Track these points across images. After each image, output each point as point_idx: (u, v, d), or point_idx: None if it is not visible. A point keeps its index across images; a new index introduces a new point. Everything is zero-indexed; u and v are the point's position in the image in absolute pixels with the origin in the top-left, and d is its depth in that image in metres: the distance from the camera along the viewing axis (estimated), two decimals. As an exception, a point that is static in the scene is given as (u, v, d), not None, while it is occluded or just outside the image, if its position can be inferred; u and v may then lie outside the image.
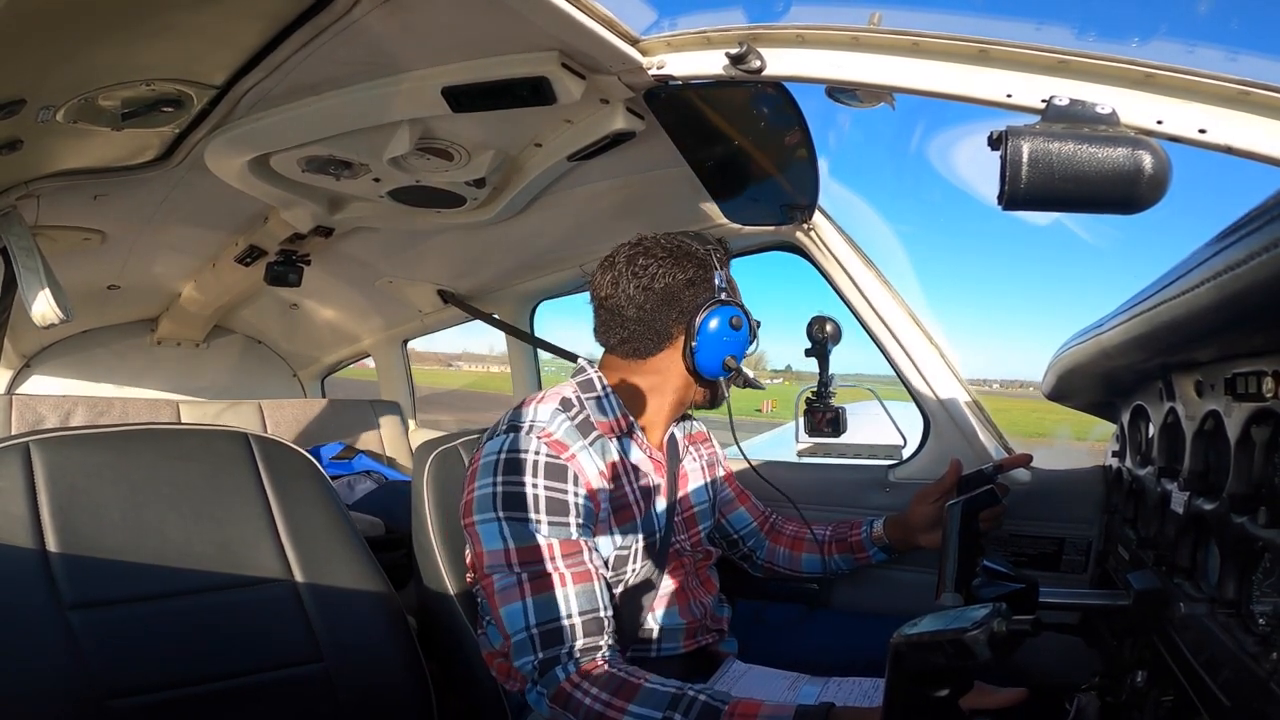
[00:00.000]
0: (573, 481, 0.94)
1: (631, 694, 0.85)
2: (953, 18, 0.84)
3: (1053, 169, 0.64)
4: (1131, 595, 0.83)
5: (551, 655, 0.89)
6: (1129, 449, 1.11)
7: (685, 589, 1.10)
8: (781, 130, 1.13)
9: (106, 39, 0.93)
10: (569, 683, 0.88)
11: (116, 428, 1.11)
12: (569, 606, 0.90)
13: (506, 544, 0.92)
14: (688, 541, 1.13)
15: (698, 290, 1.05)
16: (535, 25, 0.94)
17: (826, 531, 1.29)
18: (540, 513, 0.92)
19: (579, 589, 0.91)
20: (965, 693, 0.61)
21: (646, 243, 1.07)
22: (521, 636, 0.90)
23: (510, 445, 0.95)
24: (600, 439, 1.01)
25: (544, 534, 0.92)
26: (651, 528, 1.05)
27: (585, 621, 0.90)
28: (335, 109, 1.17)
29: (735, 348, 1.06)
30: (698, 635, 1.10)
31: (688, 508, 1.15)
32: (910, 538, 1.21)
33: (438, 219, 1.63)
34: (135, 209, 1.66)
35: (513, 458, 0.94)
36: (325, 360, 3.11)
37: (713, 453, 1.27)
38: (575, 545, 0.93)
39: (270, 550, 1.09)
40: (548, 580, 0.90)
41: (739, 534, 1.32)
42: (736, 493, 1.33)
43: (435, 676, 1.13)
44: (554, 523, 0.92)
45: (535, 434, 0.95)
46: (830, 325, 1.42)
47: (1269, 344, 0.62)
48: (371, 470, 2.37)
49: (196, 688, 0.96)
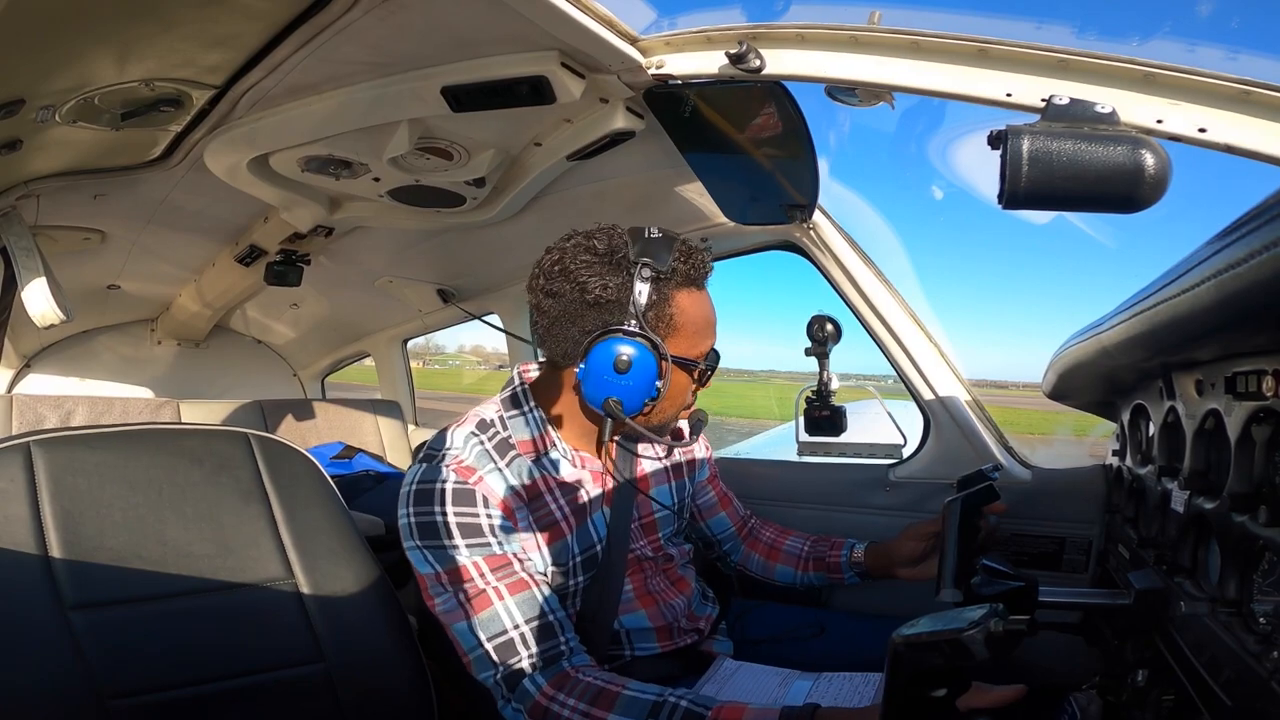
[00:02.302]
0: (482, 504, 0.93)
1: (610, 702, 0.84)
2: (952, 17, 0.84)
3: (1053, 168, 0.64)
4: (1132, 594, 0.83)
5: (514, 668, 0.89)
6: (1129, 448, 1.11)
7: (650, 592, 1.09)
8: (781, 130, 1.13)
9: (106, 39, 0.93)
10: (544, 695, 0.87)
11: (117, 427, 1.11)
12: (513, 618, 0.90)
13: (434, 568, 0.92)
14: (647, 547, 1.09)
15: (603, 312, 0.92)
16: (535, 25, 0.94)
17: (805, 547, 1.27)
18: (455, 537, 0.91)
19: (517, 599, 0.90)
20: (963, 692, 0.62)
21: (583, 239, 0.96)
22: (478, 653, 0.90)
23: (422, 476, 0.94)
24: (517, 459, 0.98)
25: (464, 556, 0.91)
26: (590, 541, 1.01)
27: (534, 627, 0.90)
28: (335, 109, 1.17)
29: (620, 391, 0.91)
30: (674, 637, 1.09)
31: (646, 513, 1.10)
32: (890, 570, 1.17)
33: (438, 219, 1.63)
34: (135, 209, 1.66)
35: (423, 489, 0.93)
36: (325, 360, 3.12)
37: (688, 452, 1.20)
38: (501, 559, 0.92)
39: (271, 550, 1.09)
40: (484, 597, 0.90)
41: (716, 537, 1.31)
42: (719, 496, 1.31)
43: (435, 676, 1.13)
44: (471, 544, 0.91)
45: (444, 463, 0.94)
46: (830, 325, 1.42)
47: (1269, 343, 0.62)
48: (371, 470, 2.37)
49: (198, 688, 0.96)
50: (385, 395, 2.96)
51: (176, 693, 0.95)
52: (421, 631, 1.20)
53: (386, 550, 1.28)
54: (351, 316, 2.68)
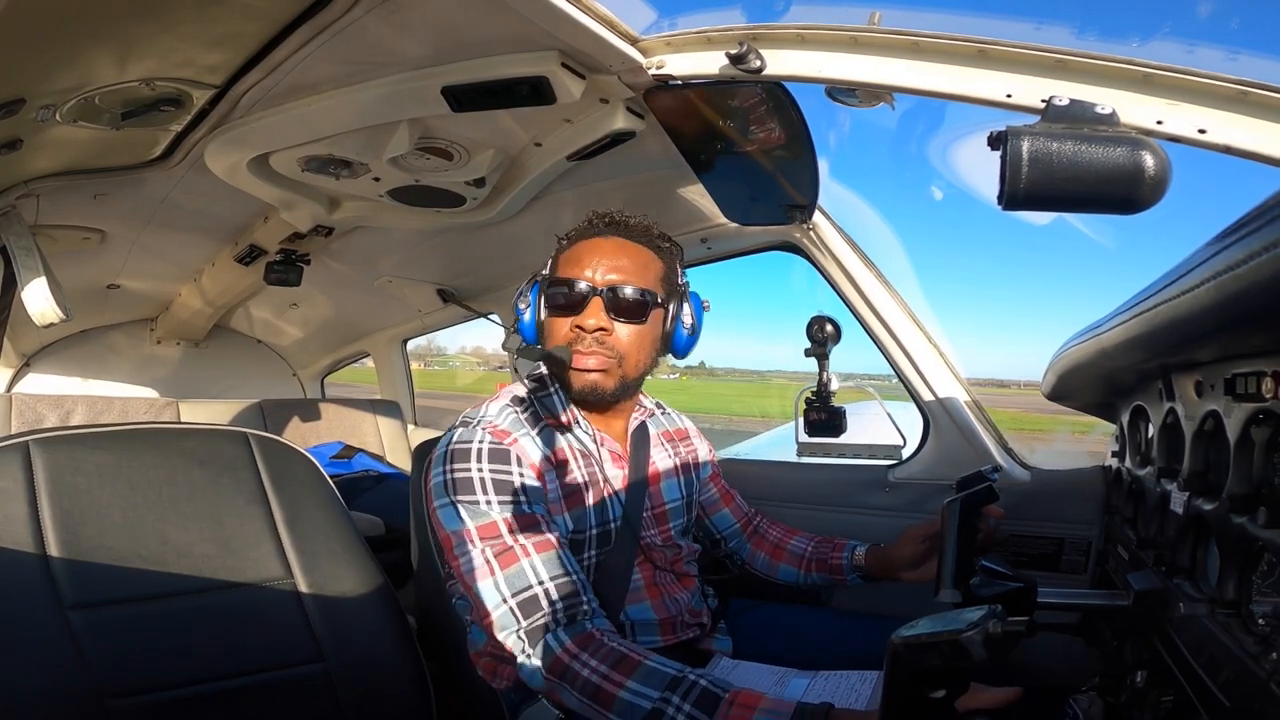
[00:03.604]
0: (516, 463, 0.98)
1: (631, 669, 0.85)
2: (952, 18, 0.84)
3: (1053, 169, 0.64)
4: (1131, 595, 0.83)
5: (537, 623, 0.90)
6: (1129, 449, 1.11)
7: (657, 584, 1.11)
8: (781, 130, 1.13)
9: (107, 39, 0.93)
10: (566, 653, 0.88)
11: (117, 427, 1.11)
12: (538, 574, 0.92)
13: (464, 524, 0.95)
14: (658, 536, 1.13)
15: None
16: (535, 25, 0.94)
17: (809, 547, 1.29)
18: (489, 493, 0.95)
19: (543, 557, 0.93)
20: (962, 693, 0.62)
21: None
22: (501, 610, 0.91)
23: (459, 438, 1.00)
24: (547, 428, 1.05)
25: (496, 512, 0.95)
26: (605, 516, 1.06)
27: (558, 584, 0.92)
28: (335, 108, 1.17)
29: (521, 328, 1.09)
30: (676, 630, 1.10)
31: (659, 503, 1.15)
32: (891, 572, 1.19)
33: (438, 219, 1.63)
34: (135, 208, 1.66)
35: (460, 448, 0.98)
36: (325, 360, 3.12)
37: (693, 451, 1.27)
38: (530, 519, 0.96)
39: (270, 550, 1.09)
40: (511, 554, 0.92)
41: (722, 534, 1.33)
42: (721, 493, 1.33)
43: (435, 676, 1.13)
44: (503, 501, 0.95)
45: (481, 426, 1.01)
46: (830, 325, 1.42)
47: (1269, 344, 0.62)
48: (371, 470, 2.37)
49: (197, 688, 0.96)
50: (385, 395, 2.96)
51: (176, 693, 0.95)
52: (421, 631, 1.20)
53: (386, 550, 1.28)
54: (351, 316, 2.68)
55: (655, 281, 1.07)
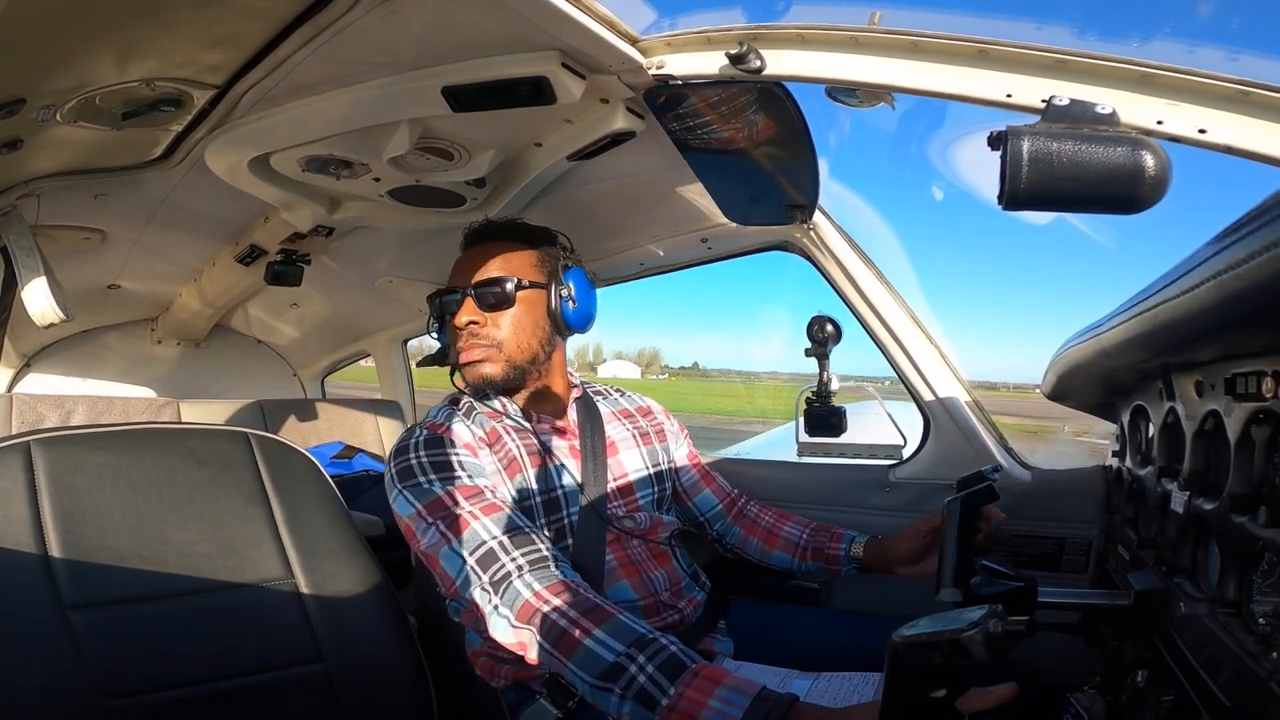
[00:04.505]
0: (450, 445, 1.05)
1: (601, 619, 0.84)
2: (952, 18, 0.84)
3: (1053, 169, 0.64)
4: (1132, 595, 0.83)
5: (499, 573, 0.91)
6: (1129, 449, 1.11)
7: (634, 562, 1.11)
8: (781, 130, 1.13)
9: (106, 39, 0.93)
10: (537, 597, 0.87)
11: (117, 427, 1.11)
12: (489, 531, 0.95)
13: (414, 505, 1.00)
14: (622, 507, 1.15)
15: None
16: (535, 25, 0.94)
17: (804, 534, 1.29)
18: (429, 474, 1.01)
19: (492, 518, 0.96)
20: (962, 693, 0.62)
21: None
22: (464, 573, 0.93)
23: (400, 439, 1.09)
24: (480, 415, 1.13)
25: (439, 488, 1.00)
26: (550, 483, 1.10)
27: (512, 536, 0.94)
28: (335, 109, 1.17)
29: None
30: (661, 612, 1.10)
31: (620, 474, 1.19)
32: (888, 567, 1.19)
33: (438, 219, 1.63)
34: (135, 208, 1.66)
35: (400, 445, 1.07)
36: (325, 360, 3.12)
37: (657, 425, 1.33)
38: (472, 489, 1.00)
39: (271, 550, 1.09)
40: (461, 519, 0.96)
41: (705, 516, 1.33)
42: (701, 474, 1.35)
43: (435, 676, 1.13)
44: (444, 478, 1.01)
45: (419, 426, 1.10)
46: (830, 325, 1.42)
47: (1269, 344, 0.62)
48: (371, 470, 2.37)
49: (197, 688, 0.96)
50: (385, 395, 2.96)
51: (176, 693, 0.95)
52: (421, 631, 1.20)
53: (386, 550, 1.28)
54: (352, 316, 2.68)
55: (523, 268, 1.15)
